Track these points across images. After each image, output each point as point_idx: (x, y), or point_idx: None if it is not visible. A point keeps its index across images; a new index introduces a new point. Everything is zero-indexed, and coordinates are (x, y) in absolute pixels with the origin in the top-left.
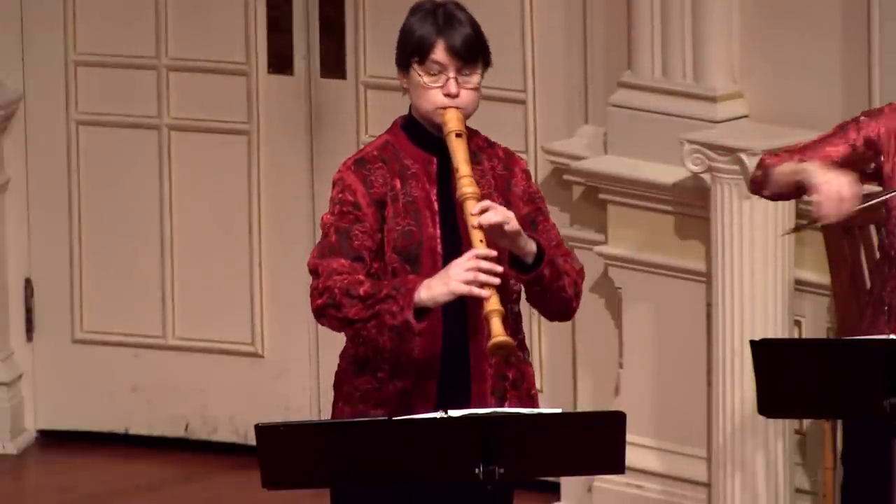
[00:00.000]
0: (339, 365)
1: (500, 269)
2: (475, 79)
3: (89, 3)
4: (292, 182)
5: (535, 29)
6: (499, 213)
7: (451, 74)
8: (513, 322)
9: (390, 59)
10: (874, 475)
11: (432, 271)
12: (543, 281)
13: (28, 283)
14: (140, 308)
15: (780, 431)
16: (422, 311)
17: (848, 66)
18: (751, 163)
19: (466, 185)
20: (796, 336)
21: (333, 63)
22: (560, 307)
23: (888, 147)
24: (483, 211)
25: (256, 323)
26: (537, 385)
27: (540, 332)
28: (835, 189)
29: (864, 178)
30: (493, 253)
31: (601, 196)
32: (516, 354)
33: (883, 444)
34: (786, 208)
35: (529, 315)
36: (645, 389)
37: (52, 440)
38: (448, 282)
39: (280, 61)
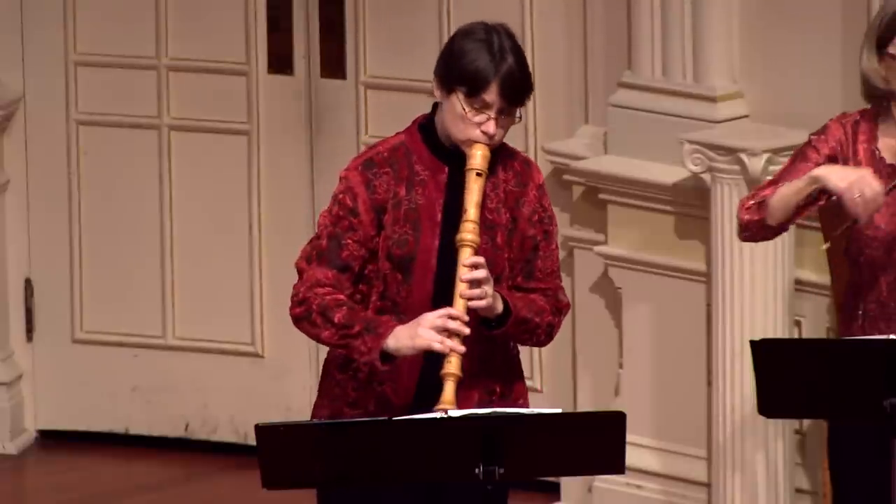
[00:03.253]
0: (328, 352)
1: (466, 331)
2: (510, 119)
3: (89, 3)
4: (292, 182)
5: (535, 29)
6: (485, 297)
7: (494, 115)
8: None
9: (390, 60)
10: (873, 475)
11: (423, 285)
12: (506, 336)
13: (28, 283)
14: (140, 308)
15: (780, 431)
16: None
17: (848, 67)
18: (751, 163)
19: (468, 230)
20: (796, 336)
21: (333, 63)
22: (525, 345)
23: (841, 158)
24: (472, 279)
25: (256, 323)
26: (537, 385)
27: None
28: (858, 182)
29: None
30: (465, 318)
31: (601, 196)
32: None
33: (883, 444)
34: None
35: None
36: (645, 389)
37: (52, 440)
38: (414, 336)
39: (280, 61)
